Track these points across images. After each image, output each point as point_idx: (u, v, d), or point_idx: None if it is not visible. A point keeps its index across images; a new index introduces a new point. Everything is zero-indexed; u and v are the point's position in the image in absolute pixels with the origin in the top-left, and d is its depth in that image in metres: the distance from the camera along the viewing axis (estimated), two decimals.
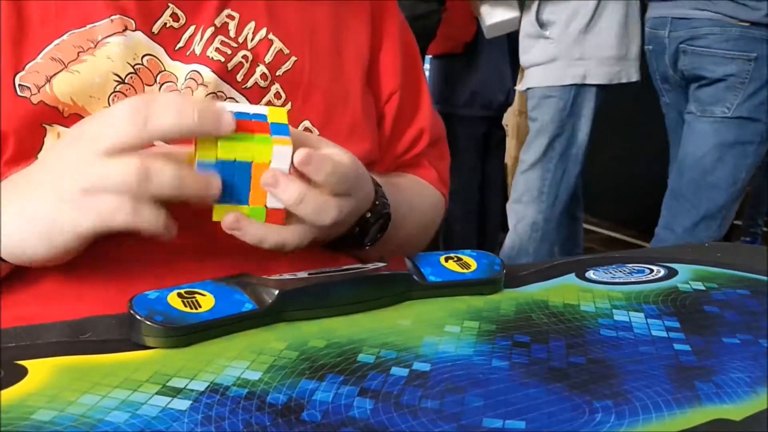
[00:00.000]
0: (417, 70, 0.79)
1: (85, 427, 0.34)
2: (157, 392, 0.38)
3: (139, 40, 0.58)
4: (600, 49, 2.23)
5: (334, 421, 0.36)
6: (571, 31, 2.22)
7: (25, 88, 0.55)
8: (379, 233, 0.64)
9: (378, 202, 0.63)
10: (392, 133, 0.75)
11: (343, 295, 0.51)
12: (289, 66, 0.65)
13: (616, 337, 0.49)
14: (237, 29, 0.63)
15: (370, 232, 0.63)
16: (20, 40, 0.56)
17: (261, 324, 0.47)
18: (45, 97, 0.55)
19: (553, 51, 2.24)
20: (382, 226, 0.64)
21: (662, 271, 0.63)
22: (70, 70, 0.56)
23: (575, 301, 0.55)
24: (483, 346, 0.46)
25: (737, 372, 0.44)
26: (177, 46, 0.60)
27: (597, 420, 0.38)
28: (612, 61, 2.24)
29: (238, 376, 0.40)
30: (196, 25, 0.61)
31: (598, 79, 2.24)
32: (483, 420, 0.37)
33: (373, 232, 0.64)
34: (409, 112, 0.76)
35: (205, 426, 0.35)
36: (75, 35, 0.57)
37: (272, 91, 0.64)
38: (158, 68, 0.59)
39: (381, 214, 0.63)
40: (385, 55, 0.73)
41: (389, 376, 0.41)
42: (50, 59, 0.56)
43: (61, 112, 0.56)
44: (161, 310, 0.44)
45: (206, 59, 0.61)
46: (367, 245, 0.64)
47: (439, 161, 0.81)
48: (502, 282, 0.57)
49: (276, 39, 0.64)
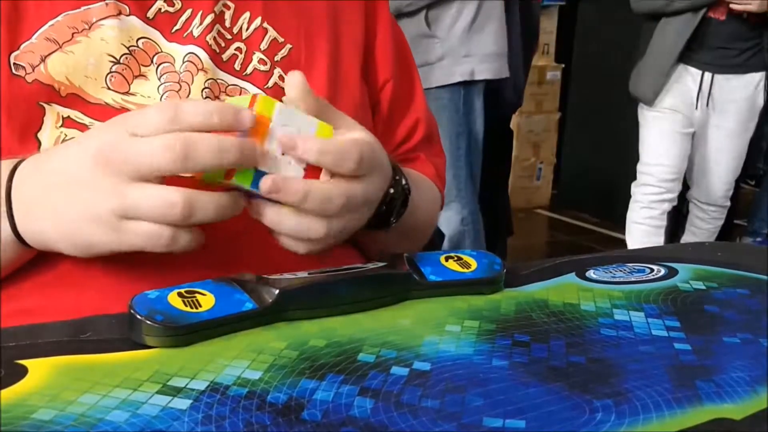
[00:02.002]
0: (409, 62, 0.80)
1: (86, 426, 0.34)
2: (158, 391, 0.38)
3: (134, 25, 0.59)
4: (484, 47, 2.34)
5: (334, 420, 0.36)
6: (456, 30, 2.31)
7: (19, 67, 0.56)
8: (402, 208, 0.64)
9: (397, 176, 0.63)
10: (389, 121, 0.76)
11: (344, 295, 0.51)
12: (285, 53, 0.66)
13: (616, 337, 0.49)
14: (232, 19, 0.63)
15: (395, 207, 0.63)
16: (15, 20, 0.57)
17: (261, 323, 0.47)
18: (39, 76, 0.56)
19: (441, 51, 2.32)
20: (403, 201, 0.64)
21: (662, 270, 0.63)
22: (65, 50, 0.57)
23: (575, 300, 0.55)
24: (483, 345, 0.46)
25: (737, 371, 0.44)
26: (173, 29, 0.61)
27: (597, 419, 0.38)
28: (494, 57, 2.36)
29: (238, 375, 0.40)
30: (193, 9, 0.61)
31: (485, 75, 2.35)
32: (483, 419, 0.37)
33: (398, 207, 0.64)
34: (403, 101, 0.77)
35: (205, 425, 0.35)
36: (70, 16, 0.57)
37: (276, 74, 0.64)
38: (154, 50, 0.60)
39: (403, 187, 0.63)
40: (379, 46, 0.74)
41: (389, 376, 0.41)
42: (45, 39, 0.57)
43: (58, 91, 0.57)
44: (161, 310, 0.44)
45: (204, 43, 0.61)
46: (393, 222, 0.64)
47: (435, 158, 0.81)
48: (502, 281, 0.57)
49: (270, 28, 0.65)
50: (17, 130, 0.55)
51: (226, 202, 0.49)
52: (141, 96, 0.58)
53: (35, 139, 0.56)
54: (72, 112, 0.57)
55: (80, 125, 0.57)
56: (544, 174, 4.41)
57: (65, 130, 0.56)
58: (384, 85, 0.75)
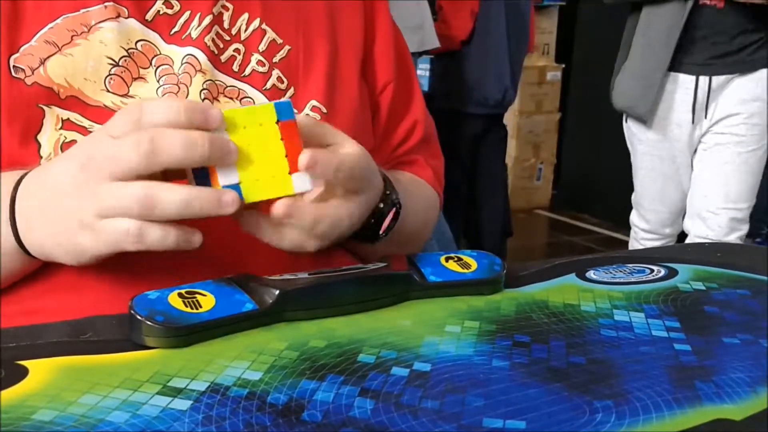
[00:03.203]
0: (408, 64, 0.80)
1: (86, 427, 0.34)
2: (158, 392, 0.38)
3: (133, 27, 0.59)
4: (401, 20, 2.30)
5: (334, 421, 0.36)
6: None
7: (19, 70, 0.56)
8: (392, 222, 0.64)
9: (388, 191, 0.63)
10: (387, 124, 0.76)
11: (344, 295, 0.51)
12: (284, 54, 0.66)
13: (616, 337, 0.49)
14: (231, 20, 0.63)
15: (384, 222, 0.63)
16: (15, 22, 0.57)
17: (261, 324, 0.47)
18: (39, 79, 0.56)
19: None
20: (395, 215, 0.64)
21: (662, 271, 0.63)
22: (64, 53, 0.57)
23: (575, 301, 0.55)
24: (483, 346, 0.46)
25: (737, 372, 0.44)
26: (172, 31, 0.61)
27: (597, 420, 0.38)
28: (413, 30, 2.32)
29: (238, 376, 0.40)
30: (191, 11, 0.62)
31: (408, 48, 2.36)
32: (483, 420, 0.37)
33: (387, 222, 0.64)
34: (402, 103, 0.77)
35: (205, 426, 0.35)
36: (69, 19, 0.58)
37: (274, 76, 0.64)
38: (153, 52, 0.60)
39: (393, 203, 0.64)
40: (379, 48, 0.74)
41: (390, 376, 0.41)
42: (44, 42, 0.57)
43: (57, 94, 0.57)
44: (162, 310, 0.44)
45: (202, 44, 0.61)
46: (382, 236, 0.64)
47: (433, 160, 0.81)
48: (502, 282, 0.57)
49: (269, 29, 0.65)
50: (17, 133, 0.55)
51: (189, 195, 0.48)
52: (140, 98, 0.58)
53: (35, 142, 0.56)
54: (71, 114, 0.57)
55: (80, 127, 0.57)
56: (544, 174, 4.41)
57: (65, 132, 0.56)
58: (384, 88, 0.75)
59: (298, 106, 0.65)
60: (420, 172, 0.78)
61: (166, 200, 0.47)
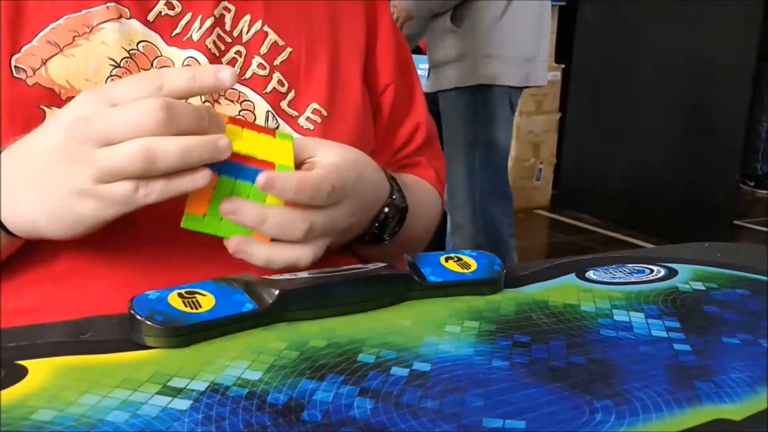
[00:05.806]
0: (410, 66, 0.80)
1: (86, 427, 0.34)
2: (158, 392, 0.38)
3: (135, 28, 0.59)
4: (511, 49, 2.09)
5: (334, 421, 0.36)
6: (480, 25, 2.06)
7: (20, 70, 0.56)
8: (397, 226, 0.64)
9: (395, 195, 0.63)
10: (389, 125, 0.76)
11: (344, 295, 0.51)
12: (285, 56, 0.66)
13: (616, 337, 0.49)
14: (233, 22, 0.63)
15: (388, 226, 0.63)
16: (17, 22, 0.57)
17: (261, 324, 0.47)
18: (40, 79, 0.56)
19: (463, 47, 2.08)
20: (400, 219, 0.64)
21: (662, 271, 0.63)
22: (65, 53, 0.57)
23: (575, 301, 0.55)
24: (483, 346, 0.46)
25: (737, 372, 0.44)
26: (173, 33, 0.61)
27: (597, 420, 0.38)
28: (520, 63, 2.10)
29: (238, 376, 0.40)
30: (193, 12, 0.62)
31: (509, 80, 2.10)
32: (483, 420, 0.37)
33: (392, 226, 0.64)
34: (404, 104, 0.77)
35: (205, 426, 0.35)
36: (71, 20, 0.58)
37: (275, 79, 0.64)
38: (154, 54, 0.60)
39: (399, 207, 0.63)
40: (380, 50, 0.74)
41: (389, 376, 0.41)
42: (46, 42, 0.57)
43: (58, 95, 0.57)
44: (162, 310, 0.44)
45: (203, 47, 0.61)
46: (386, 240, 0.64)
47: (435, 161, 0.82)
48: (502, 282, 0.57)
49: (271, 31, 0.65)
50: (18, 133, 0.55)
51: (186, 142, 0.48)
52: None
53: None
54: None
55: None
56: (544, 174, 4.41)
57: None
58: (385, 89, 0.75)
59: (299, 108, 0.65)
60: (423, 174, 0.78)
61: (167, 150, 0.47)
